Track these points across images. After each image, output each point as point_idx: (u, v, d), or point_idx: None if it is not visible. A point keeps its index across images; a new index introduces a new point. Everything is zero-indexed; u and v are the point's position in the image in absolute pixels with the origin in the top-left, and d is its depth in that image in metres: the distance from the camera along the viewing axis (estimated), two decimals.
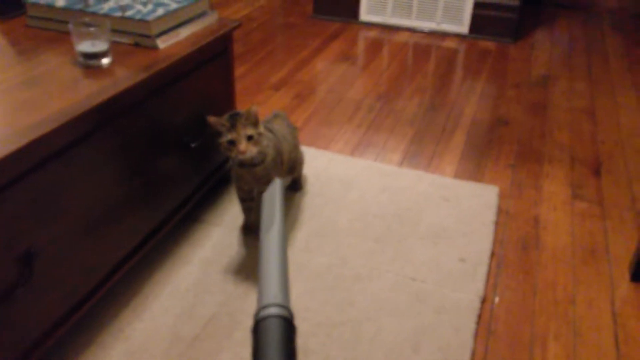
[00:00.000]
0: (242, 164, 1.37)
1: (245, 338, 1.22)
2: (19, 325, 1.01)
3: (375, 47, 2.89)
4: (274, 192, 1.04)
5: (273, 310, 0.77)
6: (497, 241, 1.56)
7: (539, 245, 1.55)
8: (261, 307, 0.78)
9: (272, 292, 0.80)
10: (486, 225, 1.59)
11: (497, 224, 1.62)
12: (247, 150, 1.29)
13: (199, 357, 1.17)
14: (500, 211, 1.68)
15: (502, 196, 1.74)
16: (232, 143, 1.29)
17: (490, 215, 1.63)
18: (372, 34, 3.07)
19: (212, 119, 1.30)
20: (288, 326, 0.77)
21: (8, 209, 0.94)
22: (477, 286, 1.38)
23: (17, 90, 1.10)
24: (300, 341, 1.22)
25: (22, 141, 0.93)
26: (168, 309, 1.28)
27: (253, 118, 1.31)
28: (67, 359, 1.17)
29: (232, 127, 1.29)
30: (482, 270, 1.43)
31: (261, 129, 1.33)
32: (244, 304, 1.31)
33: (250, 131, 1.29)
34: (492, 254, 1.51)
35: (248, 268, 1.41)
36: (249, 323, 1.26)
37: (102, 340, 1.20)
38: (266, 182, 1.41)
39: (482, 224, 1.60)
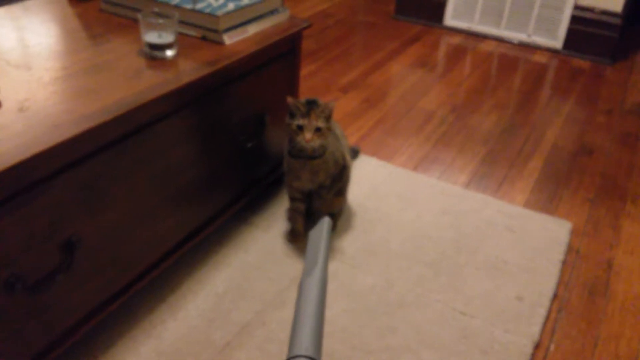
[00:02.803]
0: (299, 156, 1.42)
1: (277, 351, 1.24)
2: (54, 311, 1.07)
3: (457, 55, 2.85)
4: (322, 231, 1.07)
5: None
6: (562, 282, 1.50)
7: (608, 292, 1.49)
8: (291, 357, 0.81)
9: (305, 343, 0.82)
10: (552, 264, 1.54)
11: (564, 263, 1.56)
12: (312, 140, 1.36)
13: None
14: (570, 249, 1.62)
15: (574, 233, 1.68)
16: (301, 128, 1.36)
17: (558, 253, 1.57)
18: (456, 40, 3.02)
19: (291, 100, 1.38)
20: None
21: (56, 195, 0.99)
22: (532, 330, 1.34)
23: (81, 76, 1.16)
24: None
25: (77, 129, 0.98)
26: (204, 311, 1.32)
27: (328, 112, 1.38)
28: (97, 350, 1.22)
29: (307, 113, 1.36)
30: (541, 312, 1.39)
31: (331, 124, 1.41)
32: (280, 315, 1.33)
33: (320, 123, 1.37)
34: (555, 296, 1.45)
35: (289, 277, 1.43)
36: (282, 336, 1.27)
37: (134, 335, 1.25)
38: (322, 177, 1.45)
39: (548, 262, 1.54)
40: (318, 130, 1.36)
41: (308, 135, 1.36)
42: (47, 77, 1.14)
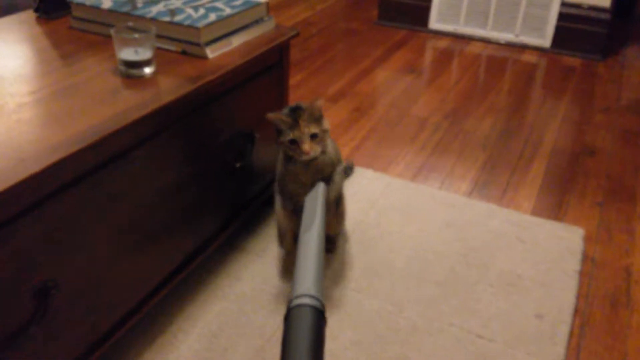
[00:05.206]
0: (300, 161, 1.26)
1: None
2: None
3: (444, 59, 2.76)
4: (316, 195, 1.15)
5: (305, 300, 0.85)
6: (582, 295, 1.40)
7: (630, 302, 1.39)
8: (294, 297, 0.86)
9: (306, 284, 0.88)
10: (568, 275, 1.43)
11: (581, 273, 1.46)
12: (311, 150, 1.20)
13: None
14: (585, 258, 1.51)
15: (587, 240, 1.58)
16: (295, 142, 1.21)
17: (573, 263, 1.47)
18: (442, 43, 2.93)
19: (271, 116, 1.22)
20: (319, 316, 0.85)
21: (23, 239, 0.87)
22: (556, 350, 1.23)
23: (50, 100, 1.04)
24: None
25: (46, 162, 0.86)
26: (198, 351, 1.19)
27: (317, 113, 1.22)
28: None
29: (295, 123, 1.20)
30: (563, 330, 1.28)
31: (326, 124, 1.24)
32: None
33: (314, 129, 1.20)
34: (575, 311, 1.35)
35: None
36: None
37: None
38: (327, 174, 1.29)
39: (564, 273, 1.44)
40: (314, 137, 1.21)
41: (306, 146, 1.19)
42: (11, 103, 1.01)
